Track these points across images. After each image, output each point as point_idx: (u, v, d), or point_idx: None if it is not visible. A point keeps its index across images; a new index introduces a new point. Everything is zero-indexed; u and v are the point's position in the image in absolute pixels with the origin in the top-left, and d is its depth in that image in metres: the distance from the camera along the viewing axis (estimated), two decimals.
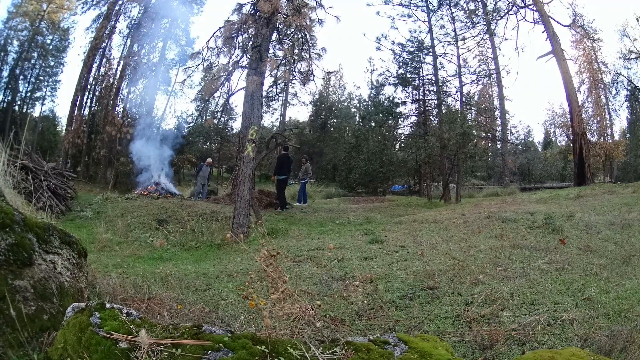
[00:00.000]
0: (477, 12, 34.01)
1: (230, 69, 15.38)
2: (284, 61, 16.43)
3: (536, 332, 4.41)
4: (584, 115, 35.77)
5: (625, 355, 3.87)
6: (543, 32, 31.23)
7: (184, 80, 16.16)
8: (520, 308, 5.19)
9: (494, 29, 34.74)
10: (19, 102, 43.01)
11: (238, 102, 46.85)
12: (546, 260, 7.27)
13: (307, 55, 16.16)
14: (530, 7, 32.21)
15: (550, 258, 7.43)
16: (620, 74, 42.22)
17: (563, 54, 30.73)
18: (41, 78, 44.07)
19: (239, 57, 15.91)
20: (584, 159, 29.11)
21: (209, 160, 28.32)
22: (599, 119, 42.75)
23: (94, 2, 40.20)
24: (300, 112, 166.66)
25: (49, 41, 43.32)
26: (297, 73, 16.89)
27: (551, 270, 6.69)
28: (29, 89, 43.29)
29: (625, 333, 4.17)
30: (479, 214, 13.44)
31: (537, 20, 31.95)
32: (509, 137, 42.54)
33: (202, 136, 48.10)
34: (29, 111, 43.64)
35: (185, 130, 38.29)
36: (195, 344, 2.51)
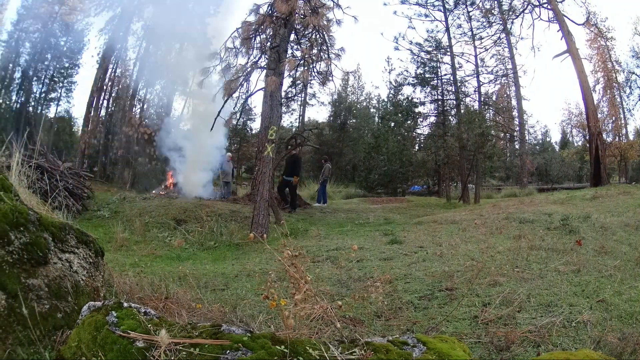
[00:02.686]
0: (493, 11, 33.88)
1: (248, 69, 15.38)
2: (302, 61, 16.40)
3: (551, 334, 4.43)
4: (599, 115, 35.39)
5: (635, 357, 3.90)
6: (558, 31, 31.05)
7: (202, 80, 16.17)
8: (537, 310, 5.22)
9: (510, 28, 34.58)
10: (32, 103, 43.00)
11: (257, 103, 46.84)
12: (563, 262, 7.30)
13: (326, 56, 16.12)
14: (545, 5, 32.03)
15: (567, 259, 7.46)
16: (634, 73, 41.90)
17: (578, 53, 30.53)
18: (56, 79, 43.99)
19: (257, 58, 15.89)
20: (600, 160, 28.89)
21: (229, 154, 28.13)
22: (614, 118, 42.43)
23: (108, 4, 40.32)
24: (320, 112, 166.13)
25: (62, 43, 43.36)
26: (316, 73, 16.84)
27: (567, 271, 6.72)
28: (43, 90, 43.25)
29: (636, 335, 4.21)
30: (497, 215, 13.49)
31: (552, 19, 31.77)
32: (527, 137, 42.29)
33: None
34: (43, 112, 43.54)
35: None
36: (214, 343, 2.52)
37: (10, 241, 3.36)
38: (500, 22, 33.87)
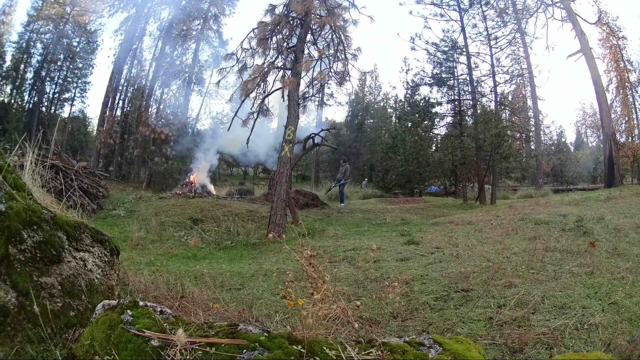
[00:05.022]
0: (507, 10, 33.66)
1: (265, 69, 15.42)
2: (319, 62, 16.42)
3: (564, 336, 4.48)
4: (612, 115, 35.15)
5: None
6: (571, 30, 30.98)
7: (219, 81, 16.30)
8: (551, 312, 5.26)
9: (525, 28, 34.39)
10: (46, 103, 43.07)
11: (274, 103, 47.05)
12: (577, 264, 7.33)
13: (343, 56, 16.17)
14: (558, 4, 31.92)
15: (581, 261, 7.49)
16: None
17: (591, 53, 30.41)
18: (69, 79, 43.97)
19: (273, 58, 15.95)
20: (613, 160, 28.73)
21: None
22: (626, 119, 42.10)
23: (122, 5, 40.47)
24: (337, 112, 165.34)
25: (75, 43, 43.39)
26: (333, 73, 16.86)
27: (581, 273, 6.75)
28: (56, 90, 43.25)
29: None
30: (513, 216, 13.51)
31: (565, 18, 31.69)
32: (542, 138, 42.02)
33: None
34: (57, 112, 43.61)
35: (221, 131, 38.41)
36: (230, 343, 2.55)
37: (23, 239, 3.40)
38: (515, 22, 33.66)
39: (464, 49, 32.29)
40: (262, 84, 15.67)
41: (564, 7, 31.10)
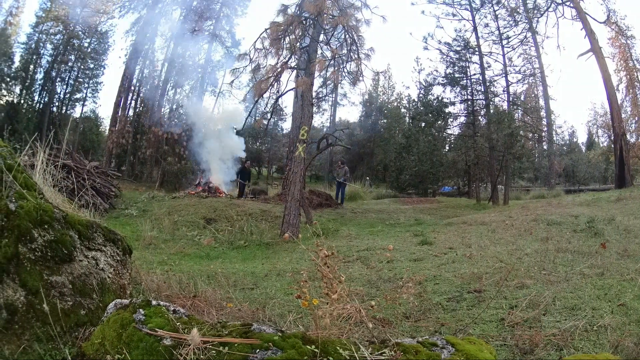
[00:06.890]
0: (518, 9, 33.52)
1: (278, 69, 15.44)
2: (332, 62, 16.45)
3: (574, 338, 4.50)
4: (623, 115, 34.86)
5: None
6: (581, 29, 30.85)
7: (232, 81, 16.28)
8: (561, 313, 5.29)
9: (536, 27, 34.16)
10: (57, 104, 43.11)
11: (287, 103, 47.07)
12: (588, 265, 7.35)
13: (356, 56, 16.16)
14: (568, 3, 31.76)
15: (592, 262, 7.50)
16: None
17: (601, 52, 30.22)
18: (80, 80, 43.99)
19: (287, 58, 15.96)
20: (624, 161, 28.56)
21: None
22: (637, 118, 41.81)
23: (132, 6, 40.62)
24: (350, 112, 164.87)
25: (86, 44, 43.45)
26: (346, 73, 16.89)
27: (592, 275, 6.76)
28: (67, 91, 43.29)
29: None
30: (526, 217, 13.52)
31: (575, 17, 31.51)
32: (555, 138, 41.79)
33: (252, 137, 48.27)
34: (68, 112, 43.58)
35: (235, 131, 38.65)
36: (244, 342, 2.60)
37: (33, 238, 3.48)
38: (526, 21, 33.50)
39: (477, 49, 32.10)
40: (276, 84, 15.70)
41: (574, 6, 30.95)
